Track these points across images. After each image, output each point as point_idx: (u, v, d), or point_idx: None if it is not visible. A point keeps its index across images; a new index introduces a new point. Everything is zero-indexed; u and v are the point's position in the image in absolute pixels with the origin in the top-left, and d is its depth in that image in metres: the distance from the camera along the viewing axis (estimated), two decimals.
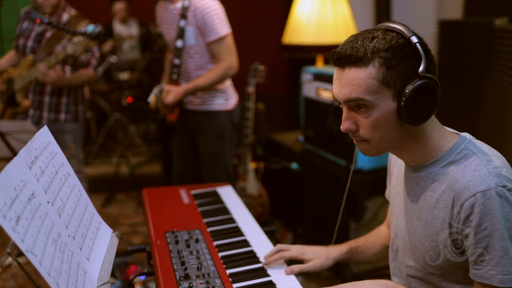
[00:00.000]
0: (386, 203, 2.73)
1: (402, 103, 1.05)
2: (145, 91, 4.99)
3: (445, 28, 3.31)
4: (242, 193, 3.13)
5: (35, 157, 1.10)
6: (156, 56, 4.79)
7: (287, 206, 3.29)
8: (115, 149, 4.91)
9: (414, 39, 1.05)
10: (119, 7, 5.10)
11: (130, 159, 4.37)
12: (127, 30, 5.25)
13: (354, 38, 1.09)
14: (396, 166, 1.33)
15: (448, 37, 3.16)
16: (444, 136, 1.14)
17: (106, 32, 2.46)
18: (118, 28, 5.20)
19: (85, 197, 1.27)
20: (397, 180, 1.31)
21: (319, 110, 2.93)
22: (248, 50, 2.64)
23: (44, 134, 1.20)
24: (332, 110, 2.73)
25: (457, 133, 1.17)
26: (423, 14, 4.53)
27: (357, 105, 1.08)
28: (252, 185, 3.19)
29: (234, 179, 2.91)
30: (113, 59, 4.55)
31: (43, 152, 1.15)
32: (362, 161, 2.68)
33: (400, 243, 1.27)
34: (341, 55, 1.07)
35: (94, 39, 2.46)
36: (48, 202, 1.06)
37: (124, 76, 4.81)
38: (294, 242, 2.95)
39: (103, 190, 4.13)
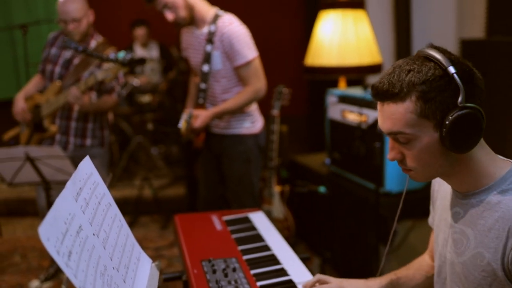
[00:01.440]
0: (416, 226, 2.69)
1: (444, 134, 1.05)
2: (166, 113, 5.03)
3: (467, 47, 3.29)
4: (267, 217, 3.11)
5: (80, 188, 1.10)
6: (177, 78, 4.83)
7: (314, 230, 3.25)
8: (137, 172, 4.93)
9: (451, 70, 1.05)
10: (140, 31, 5.19)
11: (153, 181, 4.38)
12: (148, 53, 5.32)
13: (392, 71, 1.09)
14: (441, 192, 1.31)
15: (470, 57, 3.12)
16: (496, 163, 1.12)
17: (138, 59, 2.48)
18: (139, 51, 5.28)
19: (125, 228, 1.27)
20: (442, 206, 1.28)
21: (345, 132, 2.91)
22: (268, 71, 2.64)
23: (87, 165, 1.20)
24: (358, 133, 2.71)
25: (509, 161, 1.15)
26: (443, 33, 4.52)
27: (399, 137, 1.10)
28: (278, 208, 3.16)
29: (260, 202, 2.89)
30: (135, 82, 4.60)
31: (86, 183, 1.15)
32: (391, 183, 2.65)
33: (448, 272, 1.23)
34: (379, 91, 1.09)
35: (125, 66, 2.49)
36: (93, 235, 1.06)
37: (145, 98, 4.86)
38: (322, 266, 2.91)
39: (126, 213, 4.12)
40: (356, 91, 2.95)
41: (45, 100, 2.88)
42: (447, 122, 1.04)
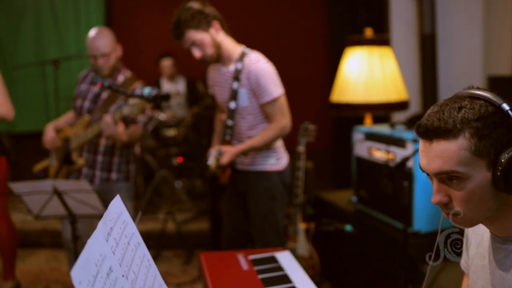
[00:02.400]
0: (445, 267, 2.61)
1: (498, 173, 1.01)
2: (191, 147, 5.06)
3: (495, 84, 3.26)
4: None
5: (110, 228, 1.10)
6: (202, 113, 4.88)
7: (340, 269, 3.18)
8: (161, 205, 4.94)
9: (505, 107, 1.02)
10: (166, 63, 5.28)
11: (176, 215, 4.37)
12: (174, 87, 5.40)
13: (439, 109, 1.06)
14: (475, 235, 1.26)
15: (498, 93, 3.09)
16: None
17: (162, 95, 2.51)
18: (166, 85, 5.36)
19: (153, 268, 1.25)
20: (479, 252, 1.23)
21: (372, 170, 2.88)
22: (292, 107, 2.65)
23: (117, 204, 1.20)
24: (386, 171, 2.67)
25: None
26: (470, 70, 4.49)
27: (449, 177, 1.05)
28: (303, 246, 3.11)
29: (284, 240, 2.85)
30: (161, 116, 4.65)
31: (116, 223, 1.14)
32: (419, 223, 2.59)
33: None
34: (428, 128, 1.04)
35: (150, 102, 2.52)
36: (123, 276, 1.05)
37: (170, 132, 4.91)
38: None
39: (149, 247, 4.04)
40: (383, 128, 2.93)
41: (74, 134, 2.93)
42: (502, 160, 1.00)
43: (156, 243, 4.11)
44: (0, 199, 3.32)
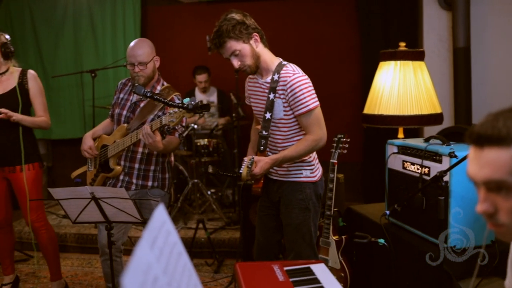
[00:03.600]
0: (481, 285, 2.56)
1: None
2: (222, 157, 5.11)
3: None
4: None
5: (155, 237, 1.13)
6: (233, 124, 4.93)
7: (371, 283, 3.15)
8: (192, 214, 4.99)
9: None
10: (201, 78, 5.40)
11: (207, 224, 4.41)
12: (207, 98, 5.48)
13: (494, 118, 1.05)
14: None
15: None
16: None
17: (202, 105, 2.55)
18: (199, 96, 5.46)
19: (194, 277, 1.28)
20: None
21: (406, 183, 2.85)
22: (324, 119, 2.65)
23: (160, 213, 1.23)
24: (420, 185, 2.65)
25: None
26: (504, 83, 4.43)
27: (497, 187, 1.03)
28: (334, 258, 3.10)
29: (317, 252, 2.85)
30: (195, 125, 4.72)
31: (160, 232, 1.18)
32: (455, 239, 2.55)
33: None
34: (481, 135, 1.04)
35: (189, 112, 2.56)
36: (167, 284, 1.07)
37: (202, 142, 4.97)
38: None
39: None
40: (418, 142, 2.90)
41: (112, 141, 3.01)
42: None
43: (187, 252, 4.14)
44: (38, 203, 3.43)
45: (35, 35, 5.91)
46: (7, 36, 3.34)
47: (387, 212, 3.00)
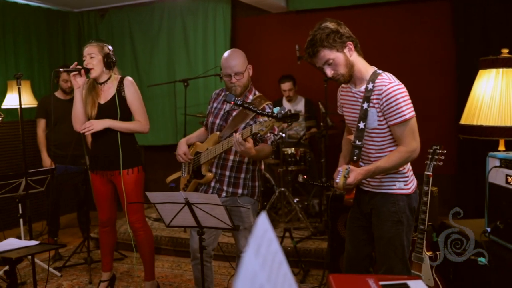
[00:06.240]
0: None
1: None
2: (309, 166, 5.08)
3: None
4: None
5: (259, 245, 1.13)
6: (321, 133, 4.89)
7: None
8: (278, 222, 5.01)
9: None
10: (285, 87, 5.43)
11: (293, 233, 4.40)
12: (293, 107, 5.49)
13: None
14: None
15: None
16: None
17: (291, 114, 2.56)
18: (286, 105, 5.47)
19: (295, 287, 1.27)
20: None
21: (509, 199, 2.67)
22: (419, 129, 2.54)
23: (263, 221, 1.24)
24: None
25: None
26: None
27: None
28: (427, 275, 2.97)
29: (409, 267, 2.74)
30: (285, 134, 4.74)
31: (263, 239, 1.18)
32: None
33: None
34: None
35: (279, 121, 2.58)
36: None
37: (289, 151, 4.98)
38: None
39: None
40: None
41: (205, 149, 3.09)
42: None
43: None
44: (138, 206, 3.59)
45: (132, 46, 6.26)
46: (110, 47, 3.54)
47: (488, 229, 2.84)
